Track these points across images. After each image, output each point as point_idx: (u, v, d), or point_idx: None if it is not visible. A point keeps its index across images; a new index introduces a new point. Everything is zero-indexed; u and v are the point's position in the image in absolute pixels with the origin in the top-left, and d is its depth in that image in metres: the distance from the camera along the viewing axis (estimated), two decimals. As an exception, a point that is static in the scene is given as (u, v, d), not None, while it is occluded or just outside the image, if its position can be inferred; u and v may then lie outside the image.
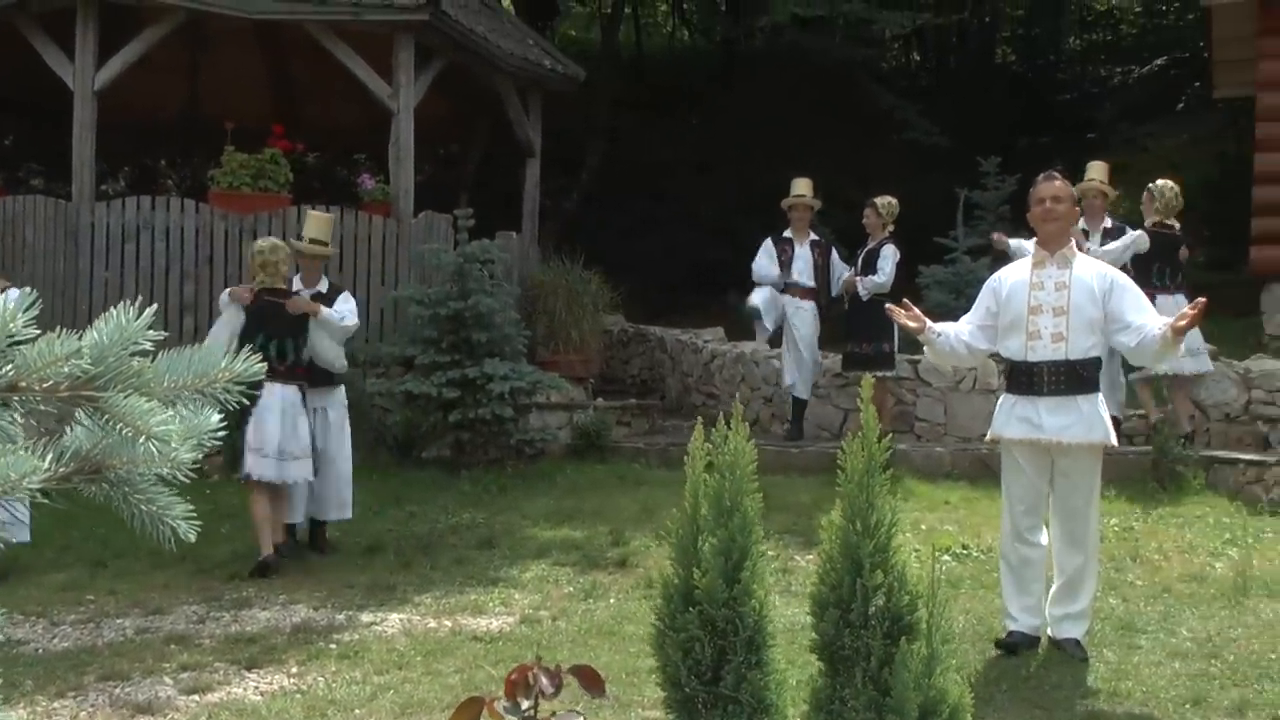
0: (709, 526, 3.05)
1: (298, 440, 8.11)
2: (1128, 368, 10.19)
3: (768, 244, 11.61)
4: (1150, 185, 10.83)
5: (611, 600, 7.12)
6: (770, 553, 7.84)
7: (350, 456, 8.56)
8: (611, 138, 19.89)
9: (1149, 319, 5.78)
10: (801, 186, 11.60)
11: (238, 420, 7.89)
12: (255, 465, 7.98)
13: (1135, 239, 10.17)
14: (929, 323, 5.92)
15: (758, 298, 11.48)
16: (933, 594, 2.89)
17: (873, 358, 10.97)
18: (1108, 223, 10.55)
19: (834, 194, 16.23)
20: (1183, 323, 5.54)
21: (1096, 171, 10.69)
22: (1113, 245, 10.11)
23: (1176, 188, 10.77)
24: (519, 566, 7.92)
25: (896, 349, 11.15)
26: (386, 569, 7.96)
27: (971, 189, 14.22)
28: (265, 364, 1.63)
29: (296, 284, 8.50)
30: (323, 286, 8.61)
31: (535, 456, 11.18)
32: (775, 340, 11.91)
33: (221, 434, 1.59)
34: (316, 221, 8.73)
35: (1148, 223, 10.62)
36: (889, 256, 11.00)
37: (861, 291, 11.07)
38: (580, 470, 10.85)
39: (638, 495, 9.78)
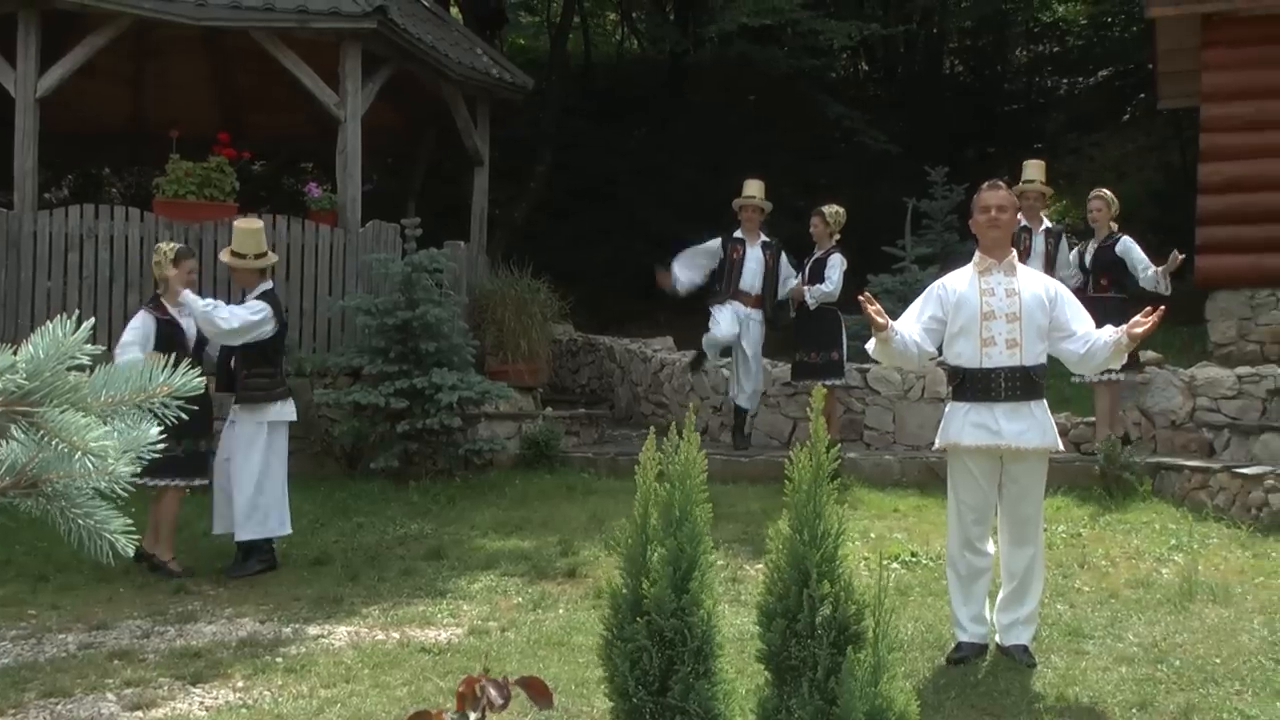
0: (658, 536, 3.04)
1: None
2: None
3: (716, 241, 11.59)
4: (1103, 192, 10.84)
5: (560, 611, 7.10)
6: (719, 562, 7.86)
7: (255, 476, 8.22)
8: (560, 147, 19.88)
9: (1092, 329, 5.87)
10: (753, 188, 11.62)
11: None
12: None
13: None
14: (891, 323, 5.93)
15: (721, 330, 11.42)
16: (879, 603, 2.90)
17: (822, 366, 11.02)
18: (1047, 223, 10.64)
19: (781, 203, 16.26)
20: (1139, 330, 5.60)
21: (1035, 171, 10.78)
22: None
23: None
24: (467, 577, 7.89)
25: (845, 357, 11.20)
26: (334, 581, 7.90)
27: (919, 198, 14.32)
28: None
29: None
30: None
31: (484, 467, 11.15)
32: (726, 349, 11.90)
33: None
34: (239, 234, 8.54)
35: (1111, 228, 10.62)
36: (836, 265, 11.04)
37: (809, 301, 11.11)
38: (529, 480, 10.82)
39: (587, 505, 9.76)
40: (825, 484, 3.04)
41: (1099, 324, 6.05)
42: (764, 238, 11.65)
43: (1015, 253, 6.11)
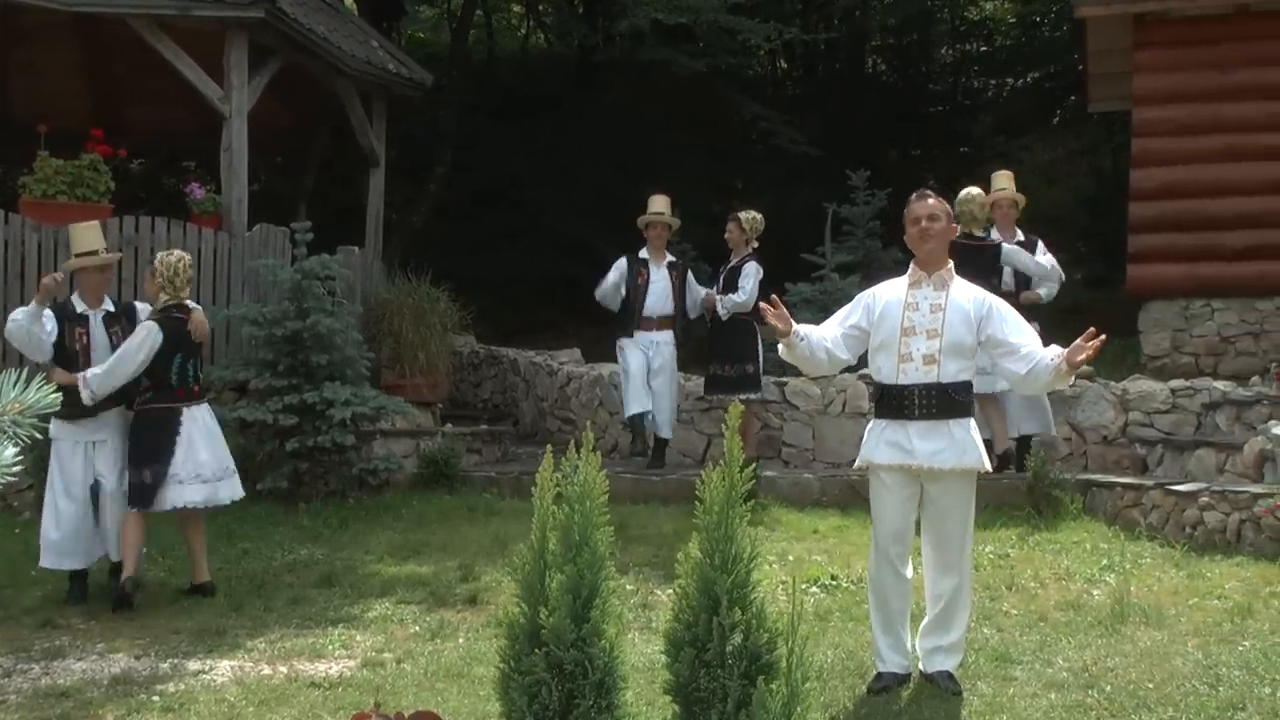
0: (557, 562, 3.02)
1: (225, 459, 8.35)
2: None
3: (622, 263, 11.55)
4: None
5: (460, 640, 7.05)
6: (630, 587, 7.87)
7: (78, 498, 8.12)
8: (461, 147, 19.80)
9: (1035, 345, 5.90)
10: (659, 204, 11.59)
11: (152, 454, 8.02)
12: (178, 495, 8.07)
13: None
14: (795, 325, 5.96)
15: (631, 396, 11.46)
16: (793, 630, 2.90)
17: (736, 380, 11.05)
18: (1020, 235, 10.74)
19: (696, 208, 16.40)
20: (1080, 356, 5.65)
21: (1005, 180, 10.90)
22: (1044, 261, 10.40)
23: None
24: (361, 606, 7.81)
25: (761, 370, 11.24)
26: (216, 612, 7.78)
27: (840, 203, 14.44)
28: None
29: (78, 304, 8.29)
30: (109, 305, 8.40)
31: (379, 487, 11.06)
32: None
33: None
34: (84, 232, 8.37)
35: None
36: (750, 274, 11.08)
37: (721, 311, 11.15)
38: (427, 501, 10.74)
39: (489, 527, 9.71)
40: (738, 505, 3.04)
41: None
42: (670, 257, 11.65)
43: (952, 265, 6.12)
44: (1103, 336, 5.66)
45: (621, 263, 11.52)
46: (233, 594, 8.15)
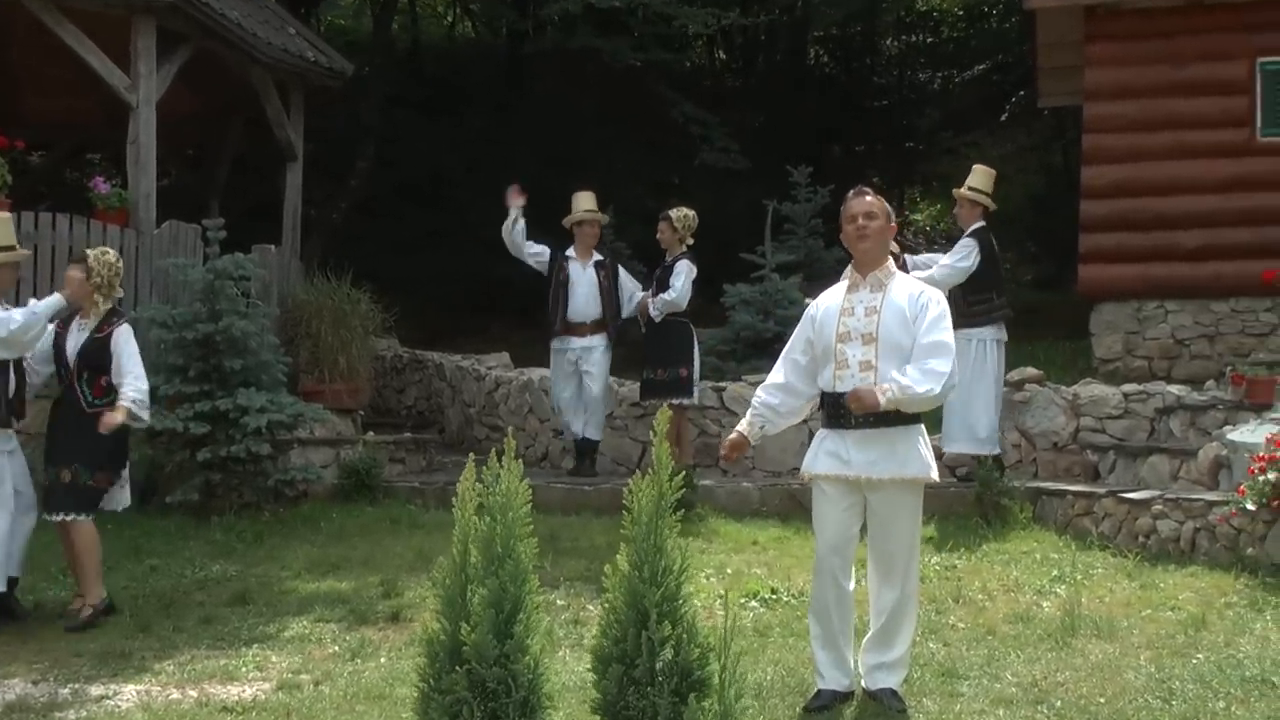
0: (479, 576, 3.01)
1: None
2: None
3: (545, 252, 11.54)
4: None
5: (382, 660, 7.01)
6: (561, 602, 7.86)
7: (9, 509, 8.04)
8: (384, 140, 19.72)
9: (923, 359, 5.86)
10: (586, 200, 11.60)
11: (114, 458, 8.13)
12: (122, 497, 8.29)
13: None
14: (749, 433, 6.05)
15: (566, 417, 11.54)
16: (726, 646, 2.90)
17: (671, 384, 11.05)
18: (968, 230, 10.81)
19: (630, 206, 16.40)
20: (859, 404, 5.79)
21: (979, 179, 10.93)
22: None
23: None
24: (277, 624, 7.75)
25: (697, 374, 11.25)
26: (121, 633, 7.69)
27: (781, 200, 14.50)
28: None
29: None
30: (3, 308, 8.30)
31: (297, 499, 10.99)
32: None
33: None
34: None
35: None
36: (683, 273, 11.09)
37: (653, 312, 11.16)
38: (348, 513, 10.68)
39: (413, 541, 9.67)
40: (668, 515, 3.03)
41: None
42: (598, 256, 11.66)
43: (891, 263, 6.15)
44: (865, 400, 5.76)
45: (545, 250, 11.52)
46: (139, 614, 8.06)
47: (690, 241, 11.31)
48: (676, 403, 10.97)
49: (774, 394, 6.11)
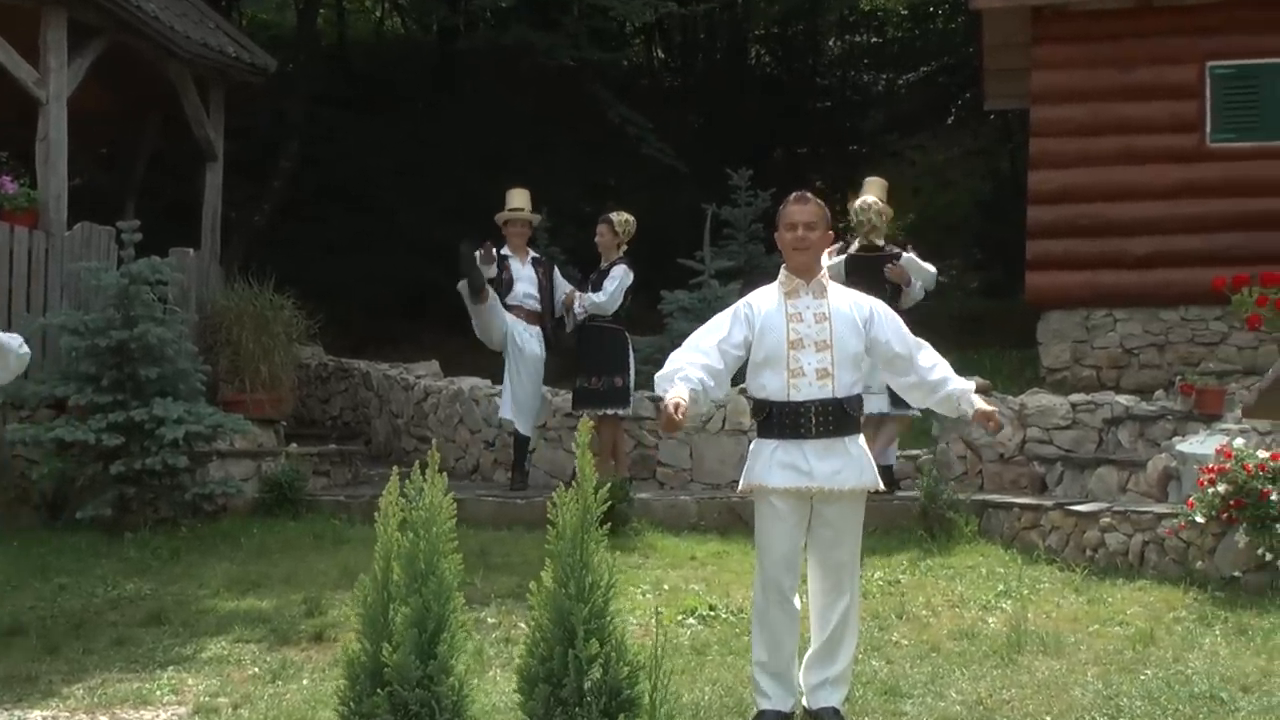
0: (401, 593, 2.99)
1: None
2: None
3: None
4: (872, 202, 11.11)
5: (305, 681, 6.95)
6: (491, 620, 7.84)
7: None
8: (309, 140, 19.59)
9: (930, 361, 5.98)
10: (518, 198, 11.61)
11: None
12: None
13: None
14: (684, 397, 5.88)
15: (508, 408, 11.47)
16: (656, 663, 2.90)
17: (605, 394, 11.05)
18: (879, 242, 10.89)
19: (566, 209, 16.40)
20: (988, 422, 5.93)
21: (878, 190, 11.03)
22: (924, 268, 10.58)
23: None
24: (194, 645, 7.66)
25: (633, 384, 11.26)
26: (27, 656, 7.57)
27: (721, 204, 14.54)
28: None
29: None
30: None
31: (216, 514, 10.91)
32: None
33: None
34: None
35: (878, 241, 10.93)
36: (617, 277, 11.11)
37: (578, 308, 11.19)
38: (269, 529, 10.60)
39: (337, 557, 9.61)
40: (594, 529, 3.02)
41: None
42: (533, 254, 11.68)
43: (825, 270, 6.17)
44: (1005, 430, 5.87)
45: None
46: (47, 635, 7.94)
47: (626, 246, 11.33)
48: (611, 413, 10.99)
49: (714, 377, 5.92)
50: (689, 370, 5.85)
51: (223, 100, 14.00)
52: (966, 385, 5.98)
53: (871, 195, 11.01)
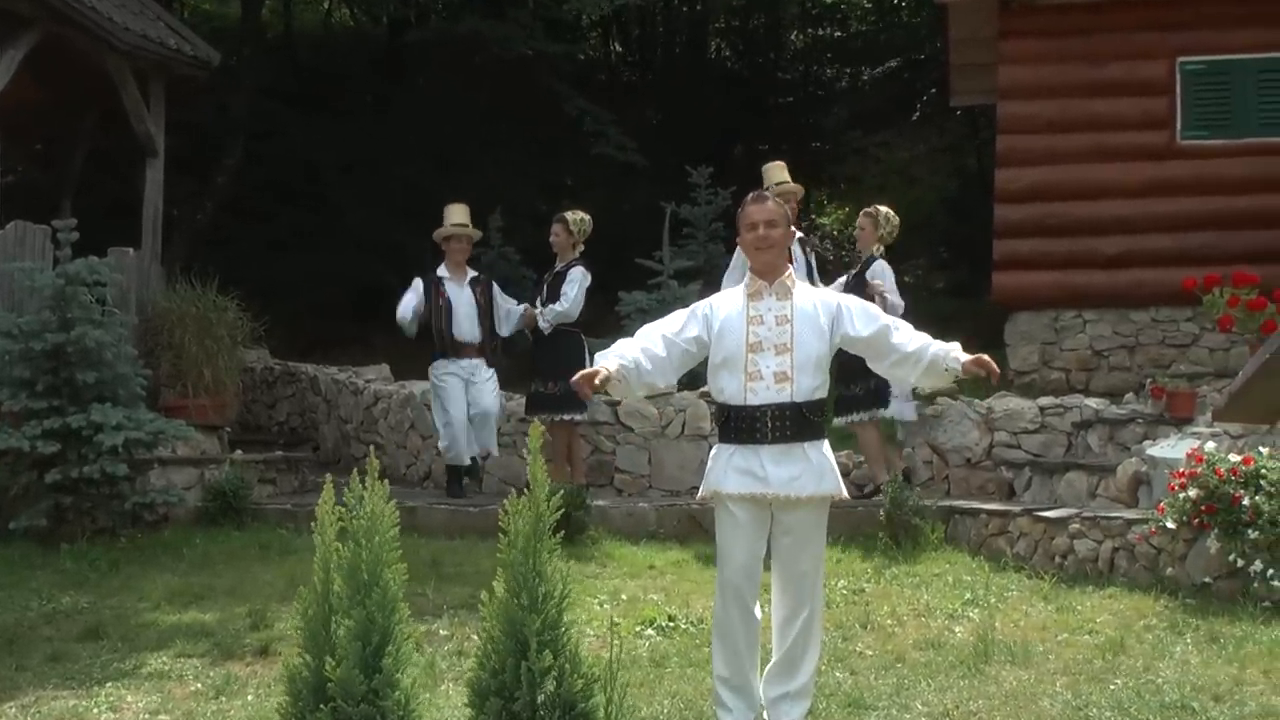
0: (343, 606, 2.97)
1: None
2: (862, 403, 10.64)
3: (418, 284, 11.54)
4: (873, 208, 11.24)
5: (249, 697, 6.91)
6: (444, 632, 7.81)
7: None
8: (254, 136, 19.53)
9: (905, 336, 5.95)
10: (458, 214, 11.60)
11: None
12: None
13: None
14: (611, 369, 5.88)
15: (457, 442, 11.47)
16: (612, 676, 2.89)
17: (561, 399, 11.03)
18: (798, 233, 10.92)
19: (518, 207, 16.39)
20: (981, 371, 5.78)
21: (781, 172, 11.03)
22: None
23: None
24: (133, 660, 7.61)
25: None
26: (-42, 671, 7.52)
27: (680, 203, 14.54)
28: None
29: None
30: None
31: (157, 523, 10.86)
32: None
33: None
34: None
35: (876, 250, 11.01)
36: (576, 280, 11.11)
37: (543, 324, 11.18)
38: (213, 539, 10.55)
39: (284, 567, 9.55)
40: (547, 537, 3.01)
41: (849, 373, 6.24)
42: (472, 273, 11.66)
43: (791, 270, 6.17)
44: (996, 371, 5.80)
45: (418, 283, 11.52)
46: (-21, 650, 7.89)
47: (582, 247, 11.32)
48: (569, 418, 10.98)
49: (648, 360, 5.95)
50: (625, 349, 5.95)
51: (163, 94, 13.91)
52: (948, 345, 5.93)
53: (779, 175, 10.97)
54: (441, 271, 11.50)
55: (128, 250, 12.76)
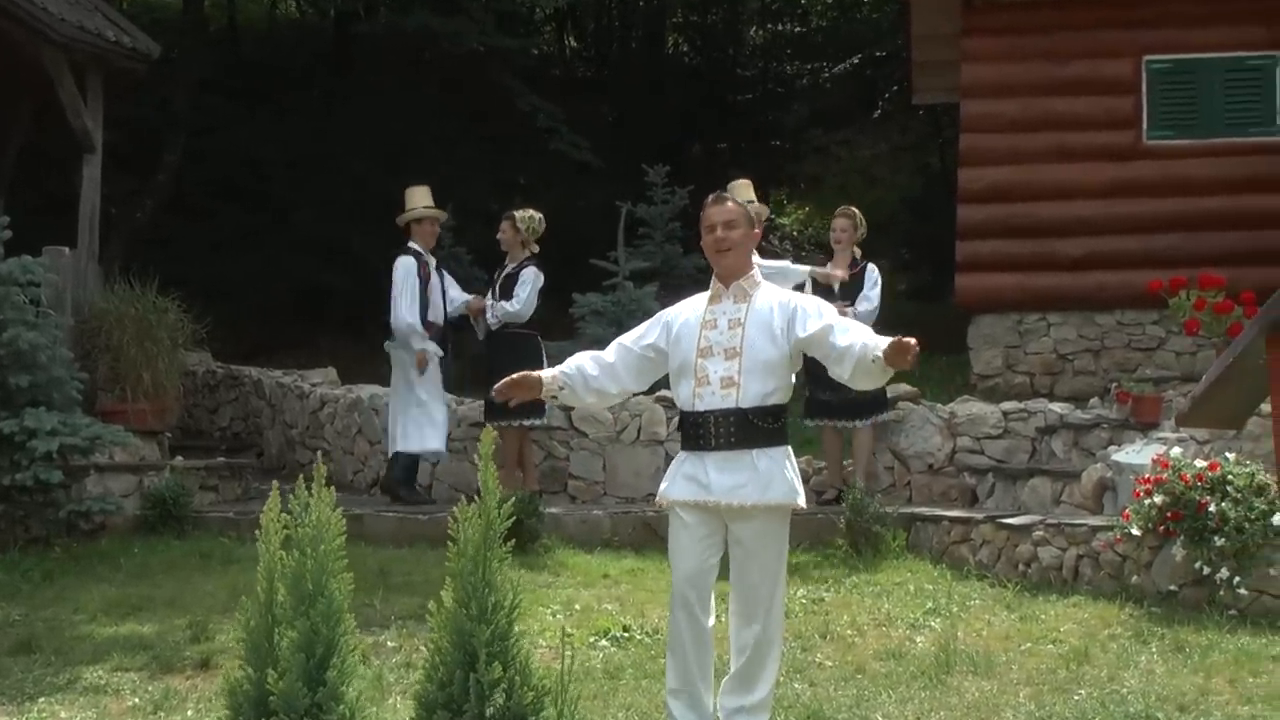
0: (287, 616, 2.96)
1: None
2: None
3: (411, 264, 11.43)
4: (849, 210, 11.24)
5: (189, 712, 6.88)
6: (391, 644, 7.78)
7: None
8: (195, 132, 19.44)
9: (847, 335, 5.87)
10: (423, 195, 11.58)
11: None
12: None
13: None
14: (547, 376, 5.93)
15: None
16: (563, 688, 2.88)
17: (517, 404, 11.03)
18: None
19: (470, 205, 16.36)
20: (898, 357, 5.65)
21: (747, 191, 11.10)
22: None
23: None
24: (68, 675, 7.55)
25: (545, 392, 11.24)
26: (-117, 686, 7.45)
27: (636, 202, 14.53)
28: None
29: None
30: None
31: (93, 532, 10.78)
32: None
33: None
34: None
35: (855, 253, 11.04)
36: (528, 281, 11.11)
37: (490, 319, 11.17)
38: (152, 548, 10.48)
39: (226, 577, 9.51)
40: (497, 546, 3.00)
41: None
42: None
43: (756, 271, 6.16)
44: (915, 345, 5.67)
45: (411, 263, 11.34)
46: (-94, 665, 7.82)
47: (535, 247, 11.32)
48: (524, 423, 10.97)
49: (595, 366, 6.02)
50: (573, 363, 6.06)
51: (101, 88, 13.81)
52: (876, 338, 5.75)
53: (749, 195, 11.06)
54: (415, 247, 11.43)
55: (63, 249, 12.67)
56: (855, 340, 5.78)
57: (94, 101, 13.72)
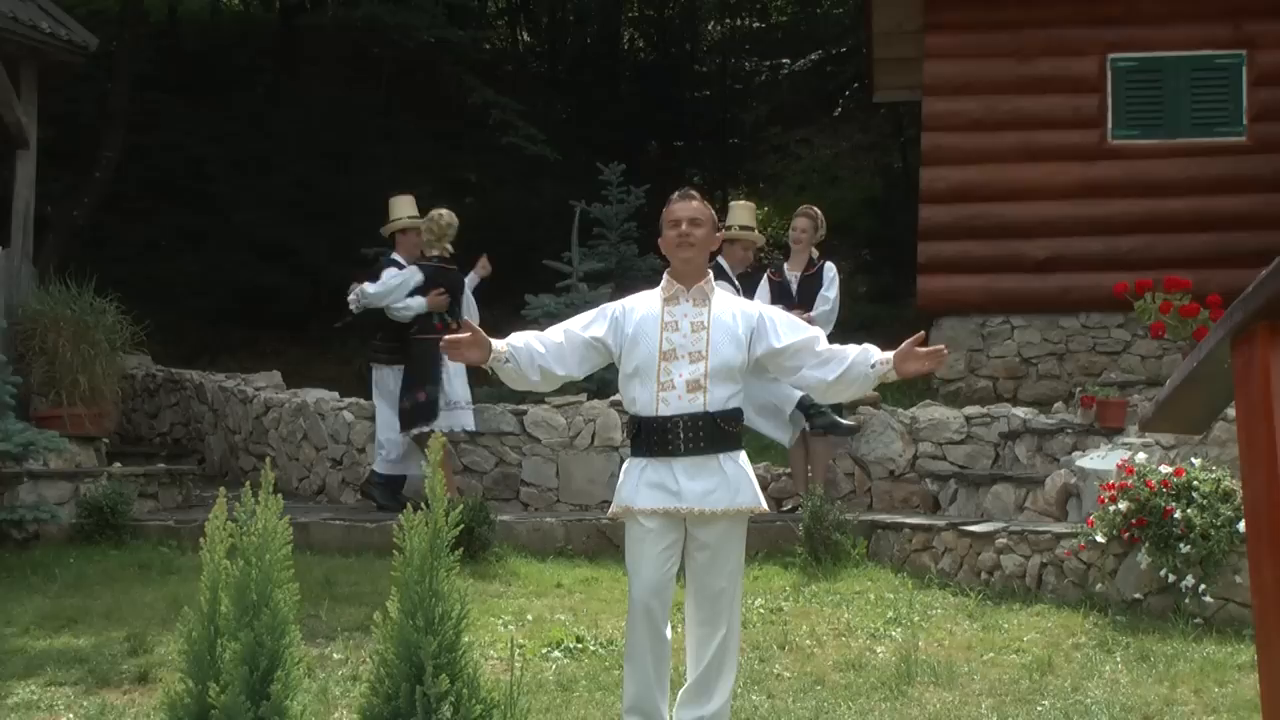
0: (230, 627, 2.95)
1: None
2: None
3: (417, 275, 11.41)
4: (810, 209, 11.30)
5: (127, 728, 6.85)
6: (337, 656, 7.76)
7: None
8: (134, 128, 19.31)
9: (822, 338, 5.99)
10: (408, 205, 11.79)
11: None
12: None
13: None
14: (496, 343, 5.91)
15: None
16: (512, 701, 2.89)
17: (409, 411, 11.08)
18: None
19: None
20: (914, 366, 5.80)
21: (747, 215, 11.20)
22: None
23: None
24: None
25: (451, 397, 11.22)
26: None
27: (591, 201, 14.52)
28: None
29: None
30: None
31: (26, 542, 10.75)
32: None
33: None
34: None
35: (813, 253, 11.09)
36: (396, 272, 11.19)
37: (350, 299, 11.29)
38: (89, 558, 10.43)
39: (166, 588, 9.47)
40: (445, 554, 3.01)
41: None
42: None
43: (711, 276, 6.17)
44: (942, 348, 5.83)
45: (417, 274, 11.33)
46: None
47: (450, 249, 11.33)
48: (427, 431, 10.95)
49: (542, 345, 6.00)
50: (520, 339, 6.03)
51: (35, 81, 13.74)
52: (864, 347, 5.94)
53: (746, 219, 11.18)
54: (400, 260, 11.46)
55: (-5, 249, 12.63)
56: (849, 347, 5.91)
57: (28, 95, 13.64)
